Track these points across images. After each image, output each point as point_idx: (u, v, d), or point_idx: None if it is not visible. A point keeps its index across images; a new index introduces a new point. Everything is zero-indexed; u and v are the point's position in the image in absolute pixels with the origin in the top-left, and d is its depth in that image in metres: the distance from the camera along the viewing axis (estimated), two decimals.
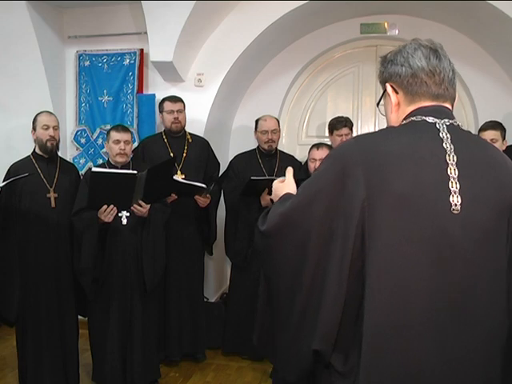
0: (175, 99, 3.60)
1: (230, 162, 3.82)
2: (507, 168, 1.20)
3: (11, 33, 3.95)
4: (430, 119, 1.19)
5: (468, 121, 4.25)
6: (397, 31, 4.22)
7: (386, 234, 1.11)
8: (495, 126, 3.23)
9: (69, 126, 4.33)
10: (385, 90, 1.28)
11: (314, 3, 3.76)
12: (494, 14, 3.50)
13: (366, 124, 4.48)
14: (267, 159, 3.74)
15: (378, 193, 1.11)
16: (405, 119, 1.23)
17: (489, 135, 3.16)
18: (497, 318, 1.16)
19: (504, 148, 3.22)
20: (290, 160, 3.82)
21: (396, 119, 1.26)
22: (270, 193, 3.43)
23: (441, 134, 1.16)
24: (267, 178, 3.53)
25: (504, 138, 3.22)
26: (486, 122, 3.32)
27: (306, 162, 3.51)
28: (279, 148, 3.86)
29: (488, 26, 3.79)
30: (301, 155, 4.39)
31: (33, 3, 3.90)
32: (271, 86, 4.47)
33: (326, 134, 3.93)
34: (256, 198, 3.50)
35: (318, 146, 3.35)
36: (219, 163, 3.84)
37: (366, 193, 1.11)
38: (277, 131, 3.70)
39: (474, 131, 4.04)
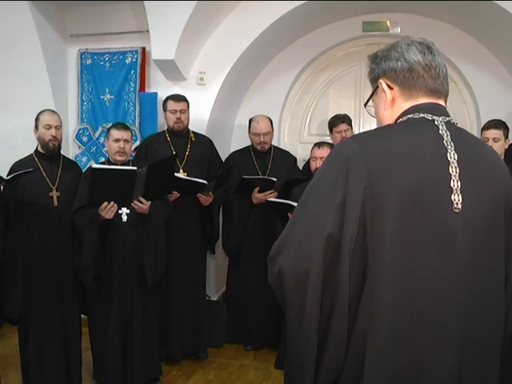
0: (179, 98, 3.56)
1: (226, 159, 3.84)
2: (501, 166, 1.20)
3: (13, 32, 3.95)
4: (429, 116, 1.16)
5: (470, 119, 4.25)
6: (399, 29, 4.21)
7: (391, 233, 1.08)
8: (498, 124, 3.21)
9: (71, 124, 4.33)
10: (375, 89, 1.25)
11: (316, 2, 3.75)
12: (497, 12, 3.49)
13: (368, 122, 4.47)
14: (261, 156, 3.76)
15: (382, 190, 1.08)
16: (400, 117, 1.19)
17: (491, 134, 3.14)
18: (495, 320, 1.14)
19: (506, 147, 3.21)
20: (283, 157, 3.85)
21: (390, 116, 1.23)
22: (260, 191, 3.47)
23: (440, 132, 1.14)
24: (259, 177, 3.57)
25: (507, 137, 3.20)
26: (489, 121, 3.29)
27: (308, 160, 3.52)
28: (281, 146, 3.87)
29: (491, 24, 3.78)
30: (303, 154, 4.40)
31: (35, 2, 3.90)
32: (273, 84, 4.47)
33: (328, 132, 3.93)
34: (249, 195, 3.55)
35: (319, 144, 3.39)
36: (223, 162, 3.83)
37: (370, 190, 1.07)
38: (269, 133, 3.71)
39: (476, 130, 4.04)
